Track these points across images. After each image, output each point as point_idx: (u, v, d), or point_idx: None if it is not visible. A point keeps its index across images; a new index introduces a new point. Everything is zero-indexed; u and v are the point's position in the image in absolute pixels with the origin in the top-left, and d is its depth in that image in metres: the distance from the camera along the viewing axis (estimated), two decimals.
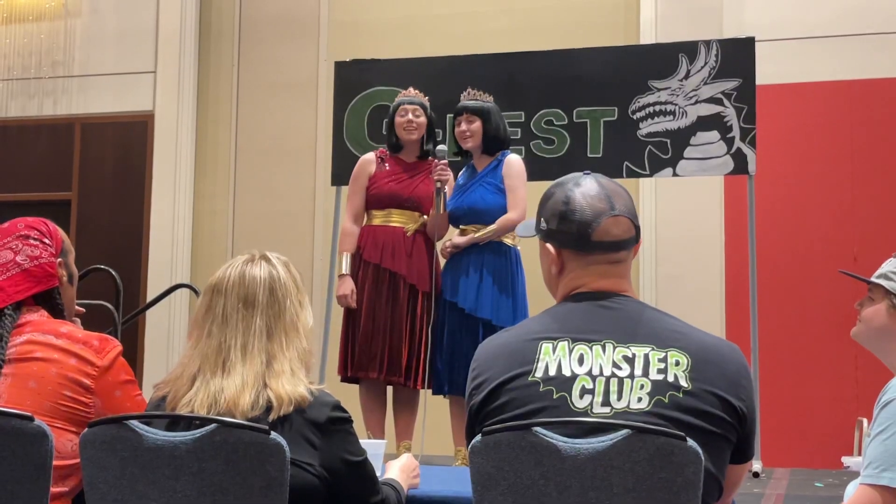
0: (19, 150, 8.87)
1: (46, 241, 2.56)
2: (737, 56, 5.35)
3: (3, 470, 2.10)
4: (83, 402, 2.35)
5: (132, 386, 2.44)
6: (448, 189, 4.61)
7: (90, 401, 2.36)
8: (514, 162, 4.62)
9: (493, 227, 4.46)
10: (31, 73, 8.87)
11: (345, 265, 4.71)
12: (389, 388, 4.73)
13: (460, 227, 4.62)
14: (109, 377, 2.40)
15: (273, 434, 1.97)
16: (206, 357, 2.18)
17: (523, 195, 4.52)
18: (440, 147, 4.61)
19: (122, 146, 8.76)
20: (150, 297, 7.90)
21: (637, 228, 2.08)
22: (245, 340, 2.18)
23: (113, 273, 6.07)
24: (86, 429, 2.06)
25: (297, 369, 2.19)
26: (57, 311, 2.53)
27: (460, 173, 4.77)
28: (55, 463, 2.15)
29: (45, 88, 8.86)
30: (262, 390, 2.12)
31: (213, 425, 1.98)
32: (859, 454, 4.83)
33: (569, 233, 2.03)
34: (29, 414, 2.11)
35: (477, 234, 4.47)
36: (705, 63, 5.37)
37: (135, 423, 2.01)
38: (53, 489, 2.19)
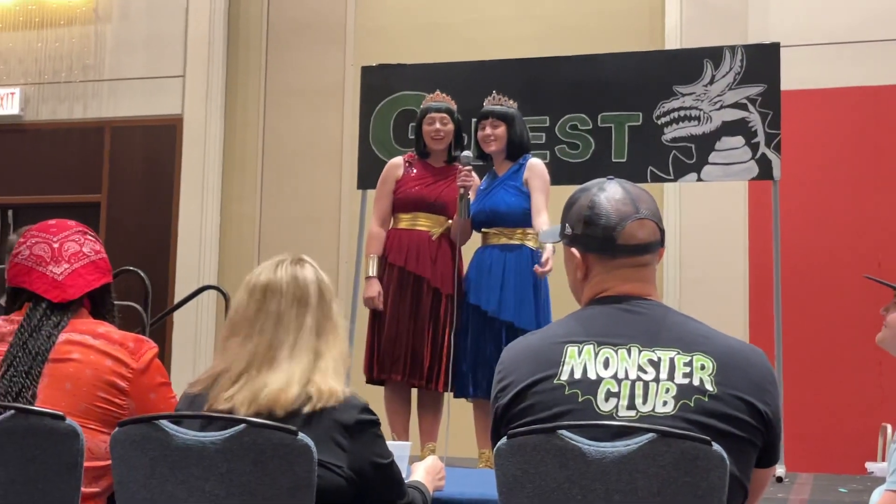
0: (50, 153, 8.95)
1: (98, 239, 2.59)
2: (762, 61, 5.32)
3: (35, 468, 2.12)
4: (117, 404, 2.37)
5: (167, 388, 2.46)
6: (472, 194, 4.61)
7: (124, 402, 2.38)
8: (536, 164, 4.62)
9: (543, 246, 4.40)
10: (62, 77, 8.95)
11: (372, 268, 4.72)
12: (414, 391, 4.74)
13: (482, 230, 4.62)
14: (145, 380, 2.42)
15: (301, 435, 1.98)
16: (255, 354, 2.20)
17: (548, 196, 4.53)
18: (465, 154, 4.61)
19: (151, 149, 8.82)
20: (177, 298, 7.95)
21: (662, 232, 2.07)
22: (296, 338, 2.22)
23: (141, 274, 6.12)
24: (117, 428, 2.07)
25: (339, 369, 2.23)
26: (106, 307, 2.55)
27: (483, 179, 4.77)
28: (88, 464, 2.18)
29: (76, 92, 8.93)
30: (307, 385, 2.15)
31: (242, 426, 1.99)
32: (883, 460, 4.80)
33: (594, 237, 2.03)
34: (61, 413, 2.13)
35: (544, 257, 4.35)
36: (730, 69, 5.34)
37: (165, 422, 2.03)
38: (86, 489, 2.22)
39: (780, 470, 4.81)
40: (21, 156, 9.00)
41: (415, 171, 4.76)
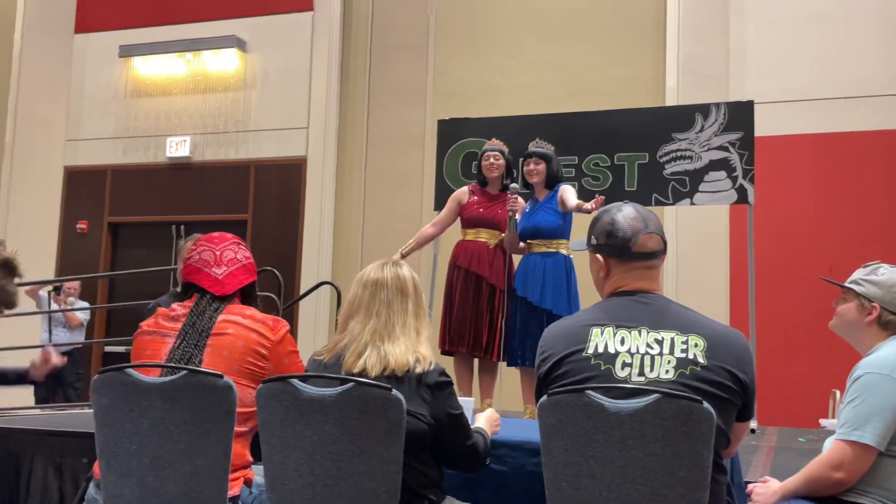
0: (212, 184, 9.11)
1: (247, 248, 2.64)
2: (740, 115, 5.26)
3: (202, 412, 2.14)
4: (260, 366, 2.39)
5: (296, 355, 2.47)
6: (518, 215, 4.61)
7: (265, 365, 2.40)
8: (565, 187, 4.60)
9: (578, 204, 4.32)
10: (220, 129, 9.11)
11: (407, 247, 4.74)
12: (476, 361, 4.74)
13: (528, 241, 4.61)
14: (280, 348, 2.43)
15: (394, 391, 1.99)
16: (376, 330, 2.24)
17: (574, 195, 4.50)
18: (513, 185, 4.60)
19: (284, 181, 8.93)
20: (301, 290, 8.05)
21: (665, 243, 2.07)
22: (404, 319, 2.26)
23: (276, 273, 6.19)
24: (261, 385, 2.11)
25: (428, 342, 2.28)
26: (252, 297, 2.59)
27: (528, 202, 4.77)
28: (240, 410, 2.20)
29: (230, 140, 9.09)
30: (416, 353, 2.19)
31: (351, 384, 2.01)
32: (833, 417, 4.70)
33: (614, 246, 2.03)
34: (220, 373, 2.16)
35: (585, 205, 4.26)
36: (715, 120, 5.29)
37: (295, 381, 2.06)
38: (238, 428, 2.24)
39: (753, 424, 4.74)
40: (189, 186, 9.17)
41: (476, 197, 4.76)
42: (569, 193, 4.50)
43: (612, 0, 8.17)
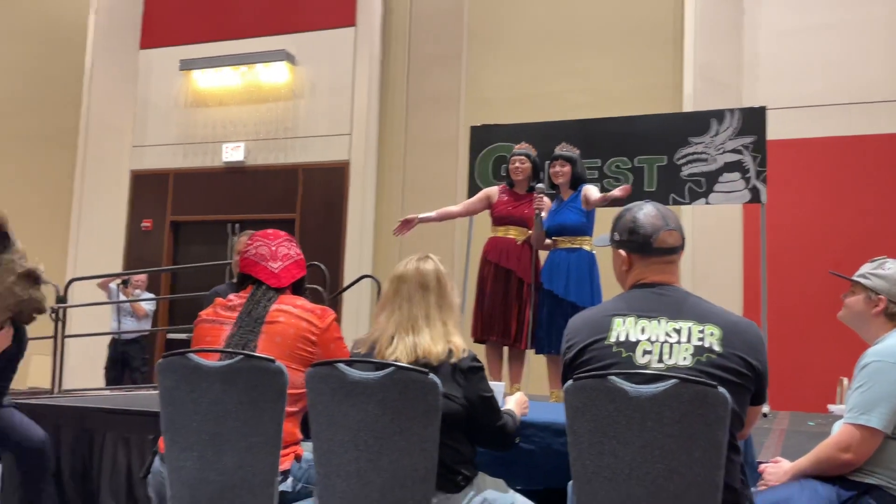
0: (264, 186, 9.19)
1: (298, 245, 2.65)
2: (752, 120, 5.19)
3: (256, 393, 2.17)
4: (309, 351, 2.40)
5: (341, 342, 2.48)
6: (544, 213, 4.59)
7: (314, 350, 2.41)
8: (590, 186, 4.57)
9: (604, 195, 4.31)
10: (271, 136, 9.19)
11: (426, 215, 4.78)
12: (505, 348, 4.73)
13: (553, 238, 4.59)
14: (327, 335, 2.44)
15: (431, 375, 1.99)
16: (400, 323, 2.23)
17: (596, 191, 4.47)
18: (538, 185, 4.58)
19: (328, 183, 8.97)
20: (345, 283, 8.10)
21: (683, 239, 2.05)
22: (426, 311, 2.23)
23: (322, 268, 6.23)
24: (310, 368, 2.13)
25: (458, 331, 2.25)
26: (302, 289, 2.61)
27: (553, 202, 4.75)
28: (290, 391, 2.21)
29: (280, 145, 9.16)
30: (447, 343, 2.17)
31: (392, 368, 2.02)
32: (841, 403, 4.62)
33: (636, 241, 2.01)
34: (272, 357, 2.18)
35: (609, 194, 4.26)
36: (730, 125, 5.22)
37: (341, 365, 2.07)
38: (289, 408, 2.25)
39: (766, 408, 4.68)
40: (244, 188, 9.25)
41: (505, 197, 4.74)
42: (592, 191, 4.47)
43: (633, 14, 8.10)
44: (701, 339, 1.84)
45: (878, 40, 7.17)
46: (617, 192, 4.15)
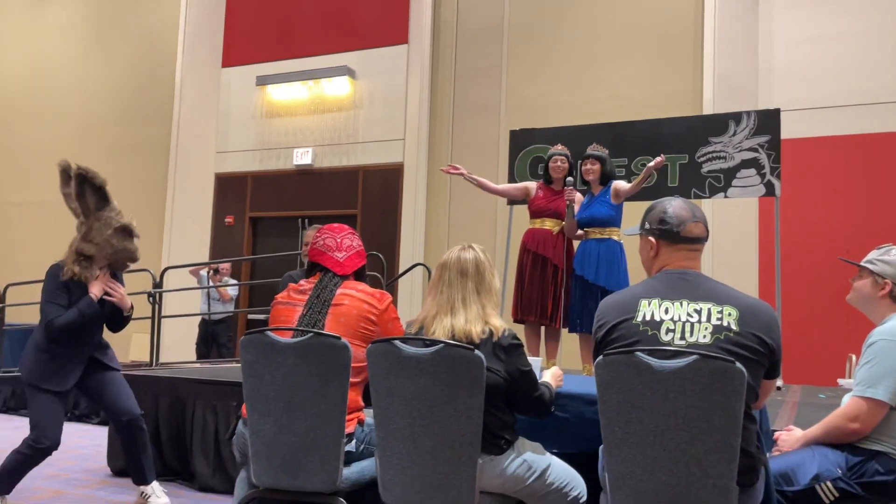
0: (329, 186, 9.27)
1: (359, 237, 2.67)
2: (768, 120, 5.04)
3: (324, 367, 2.19)
4: (370, 329, 2.41)
5: (398, 322, 2.49)
6: (576, 206, 4.55)
7: (374, 329, 2.42)
8: (619, 181, 4.51)
9: (640, 176, 4.22)
10: (336, 141, 9.26)
11: (473, 177, 4.67)
12: (542, 328, 4.72)
13: (585, 229, 4.54)
14: (385, 316, 2.45)
15: (476, 351, 2.00)
16: (440, 305, 2.23)
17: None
18: (569, 179, 4.55)
19: (385, 183, 9.01)
20: (399, 271, 8.15)
21: (707, 230, 2.02)
22: (464, 295, 2.21)
23: (380, 256, 6.28)
24: (370, 345, 2.14)
25: (497, 313, 2.23)
26: (363, 276, 2.62)
27: (585, 196, 4.70)
28: (354, 365, 2.24)
29: (343, 150, 9.23)
30: (484, 325, 2.16)
31: (441, 345, 2.03)
32: (849, 378, 4.50)
33: (665, 230, 1.99)
34: (338, 335, 2.21)
35: (647, 168, 4.16)
36: (746, 125, 5.09)
37: (397, 342, 2.08)
38: (352, 380, 2.28)
39: (779, 382, 4.58)
40: (312, 187, 9.34)
41: (542, 192, 4.72)
42: (622, 184, 4.45)
43: (656, 27, 7.94)
44: (719, 319, 1.81)
45: (885, 46, 6.92)
46: (652, 163, 4.10)
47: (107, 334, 3.46)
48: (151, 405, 4.28)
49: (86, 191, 3.35)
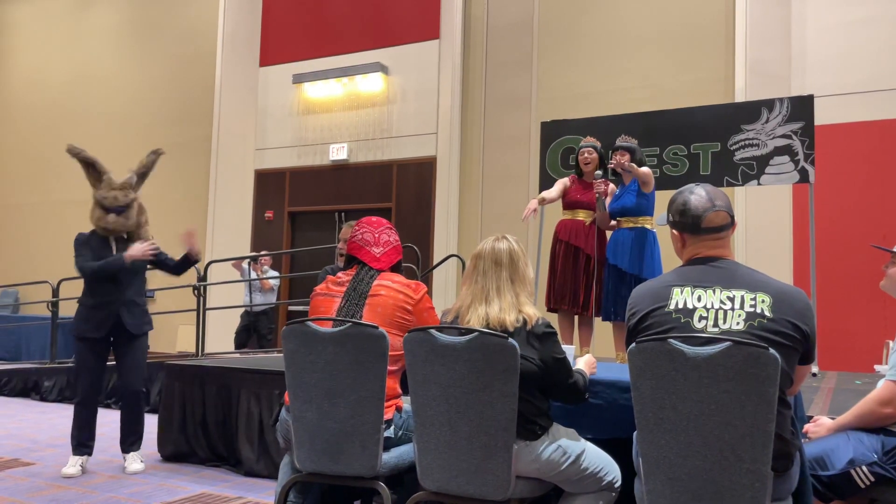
0: (364, 180, 9.32)
1: (396, 232, 2.68)
2: (801, 107, 4.93)
3: (363, 355, 2.21)
4: (406, 319, 2.43)
5: (433, 311, 2.50)
6: (608, 198, 4.52)
7: (410, 318, 2.44)
8: (645, 169, 4.44)
9: (643, 171, 4.20)
10: (370, 136, 9.30)
11: (544, 194, 4.55)
12: (575, 316, 4.70)
13: (617, 219, 4.51)
14: (420, 305, 2.46)
15: (510, 339, 2.00)
16: (475, 295, 2.23)
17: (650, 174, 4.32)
18: (598, 172, 4.52)
19: (419, 176, 9.03)
20: (434, 262, 8.17)
21: (732, 216, 1.98)
22: (498, 285, 2.21)
23: (415, 249, 6.30)
24: (406, 334, 2.16)
25: (531, 301, 2.23)
26: (399, 268, 2.62)
27: (618, 187, 4.66)
28: (391, 353, 2.25)
29: (377, 145, 9.27)
30: (518, 313, 2.16)
31: (476, 333, 2.04)
32: (887, 364, 4.40)
33: (686, 223, 1.97)
34: (375, 325, 2.22)
35: (635, 171, 4.16)
36: (779, 112, 4.98)
37: (432, 331, 2.09)
38: (390, 367, 2.30)
39: (815, 368, 4.49)
40: (347, 182, 9.41)
41: (574, 185, 4.70)
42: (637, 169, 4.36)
43: (687, 16, 7.80)
44: (753, 306, 1.79)
45: None
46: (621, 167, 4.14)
47: (157, 320, 3.79)
48: (199, 394, 4.37)
49: (86, 169, 3.90)
